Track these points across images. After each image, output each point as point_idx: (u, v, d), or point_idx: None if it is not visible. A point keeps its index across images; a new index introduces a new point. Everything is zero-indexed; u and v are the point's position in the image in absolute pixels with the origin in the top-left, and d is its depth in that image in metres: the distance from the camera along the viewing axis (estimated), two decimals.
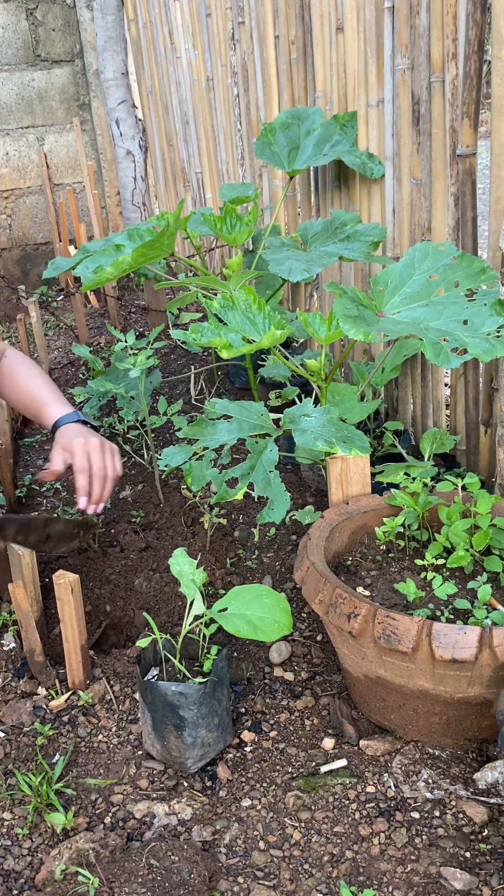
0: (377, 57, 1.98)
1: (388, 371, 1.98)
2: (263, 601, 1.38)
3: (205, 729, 1.37)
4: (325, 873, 1.21)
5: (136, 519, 2.13)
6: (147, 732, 1.41)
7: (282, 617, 1.36)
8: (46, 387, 1.70)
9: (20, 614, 1.55)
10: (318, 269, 1.85)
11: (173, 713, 1.35)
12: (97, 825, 1.31)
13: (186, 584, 1.40)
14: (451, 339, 1.48)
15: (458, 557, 1.42)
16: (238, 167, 3.13)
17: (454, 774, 1.33)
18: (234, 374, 2.72)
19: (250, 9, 2.68)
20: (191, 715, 1.35)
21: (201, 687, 1.34)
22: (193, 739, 1.37)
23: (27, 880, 1.23)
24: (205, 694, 1.35)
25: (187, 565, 1.41)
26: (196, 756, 1.38)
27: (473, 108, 1.68)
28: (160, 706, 1.35)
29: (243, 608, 1.38)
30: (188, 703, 1.34)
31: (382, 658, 1.29)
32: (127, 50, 4.16)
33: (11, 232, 4.62)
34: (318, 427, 1.58)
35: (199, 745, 1.38)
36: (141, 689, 1.37)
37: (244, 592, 1.41)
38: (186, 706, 1.34)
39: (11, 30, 4.26)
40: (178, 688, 1.33)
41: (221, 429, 1.66)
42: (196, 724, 1.36)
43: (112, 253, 1.94)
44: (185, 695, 1.33)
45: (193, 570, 1.41)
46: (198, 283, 1.99)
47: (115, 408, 2.73)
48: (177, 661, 1.41)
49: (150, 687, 1.35)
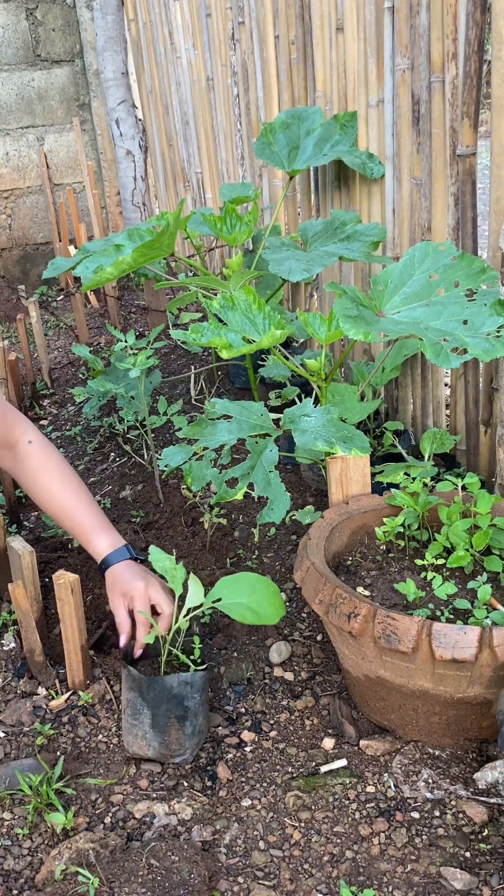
0: (377, 57, 1.98)
1: (388, 371, 1.98)
2: (255, 587, 1.41)
3: (202, 716, 1.39)
4: (325, 873, 1.21)
5: (136, 519, 2.13)
6: (142, 733, 1.40)
7: (276, 600, 1.41)
8: (86, 503, 1.57)
9: (20, 614, 1.55)
10: (318, 269, 1.85)
11: (178, 705, 1.36)
12: (97, 825, 1.31)
13: (172, 579, 1.40)
14: (451, 339, 1.48)
15: (458, 557, 1.42)
16: (238, 167, 3.13)
17: (454, 774, 1.33)
18: (234, 374, 2.72)
19: (250, 9, 2.68)
20: (193, 703, 1.36)
21: (205, 673, 1.37)
22: (193, 728, 1.38)
23: (27, 880, 1.23)
24: (205, 680, 1.37)
25: (168, 561, 1.41)
26: (194, 745, 1.40)
27: (473, 108, 1.68)
28: (164, 700, 1.36)
29: (238, 597, 1.40)
30: (192, 691, 1.35)
31: (382, 658, 1.29)
32: (127, 50, 4.16)
33: (11, 232, 4.62)
34: (318, 427, 1.58)
35: (196, 734, 1.39)
36: (139, 687, 1.37)
37: (232, 582, 1.42)
38: (190, 695, 1.35)
39: (11, 30, 4.26)
40: (184, 677, 1.35)
41: (221, 429, 1.66)
42: (196, 713, 1.38)
43: (112, 253, 1.94)
44: (190, 683, 1.35)
45: (174, 564, 1.41)
46: (198, 283, 1.99)
47: (115, 408, 2.73)
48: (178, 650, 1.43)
49: (152, 683, 1.35)
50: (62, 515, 1.57)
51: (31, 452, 1.59)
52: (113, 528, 1.57)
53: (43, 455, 1.59)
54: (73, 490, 1.57)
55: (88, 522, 1.55)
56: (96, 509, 1.58)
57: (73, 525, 1.57)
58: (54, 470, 1.58)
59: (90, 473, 2.48)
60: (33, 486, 1.59)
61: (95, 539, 1.54)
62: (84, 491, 1.59)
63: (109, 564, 1.52)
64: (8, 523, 2.14)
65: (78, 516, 1.56)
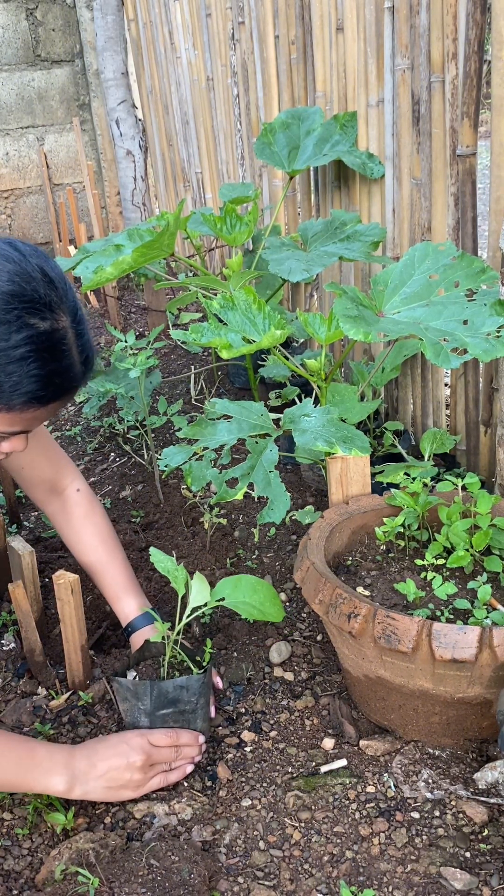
0: (377, 57, 1.98)
1: (388, 371, 1.98)
2: (256, 588, 1.46)
3: (201, 719, 1.39)
4: (325, 873, 1.21)
5: (136, 519, 2.13)
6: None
7: (276, 600, 1.47)
8: (120, 562, 1.61)
9: (20, 614, 1.55)
10: (318, 269, 1.85)
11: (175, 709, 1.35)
12: (97, 825, 1.31)
13: (174, 580, 1.41)
14: (451, 339, 1.48)
15: (458, 557, 1.42)
16: (238, 167, 3.13)
17: (454, 774, 1.33)
18: (234, 374, 2.72)
19: (250, 9, 2.68)
20: (190, 707, 1.36)
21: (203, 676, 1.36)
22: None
23: (27, 880, 1.23)
24: (204, 683, 1.36)
25: (169, 562, 1.42)
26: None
27: (473, 108, 1.68)
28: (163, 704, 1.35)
29: (241, 596, 1.44)
30: (188, 695, 1.35)
31: (382, 658, 1.29)
32: (127, 50, 4.16)
33: (11, 232, 4.62)
34: (319, 427, 1.58)
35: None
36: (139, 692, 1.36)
37: (233, 583, 1.45)
38: (187, 699, 1.35)
39: (11, 30, 4.27)
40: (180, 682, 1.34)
41: (221, 429, 1.66)
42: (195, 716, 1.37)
43: (112, 253, 1.94)
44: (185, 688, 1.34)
45: (175, 565, 1.42)
46: (198, 283, 1.99)
47: (115, 408, 2.73)
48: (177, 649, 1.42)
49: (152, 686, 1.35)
50: (97, 569, 1.61)
51: (78, 501, 1.63)
52: (142, 591, 1.61)
53: (89, 506, 1.63)
54: (111, 547, 1.61)
55: (121, 582, 1.59)
56: (130, 571, 1.61)
57: (105, 581, 1.60)
58: (100, 524, 1.62)
59: (90, 473, 2.48)
60: (75, 535, 1.62)
61: (126, 599, 1.58)
62: (121, 550, 1.63)
63: (136, 629, 1.56)
64: (8, 523, 2.14)
65: (111, 573, 1.60)
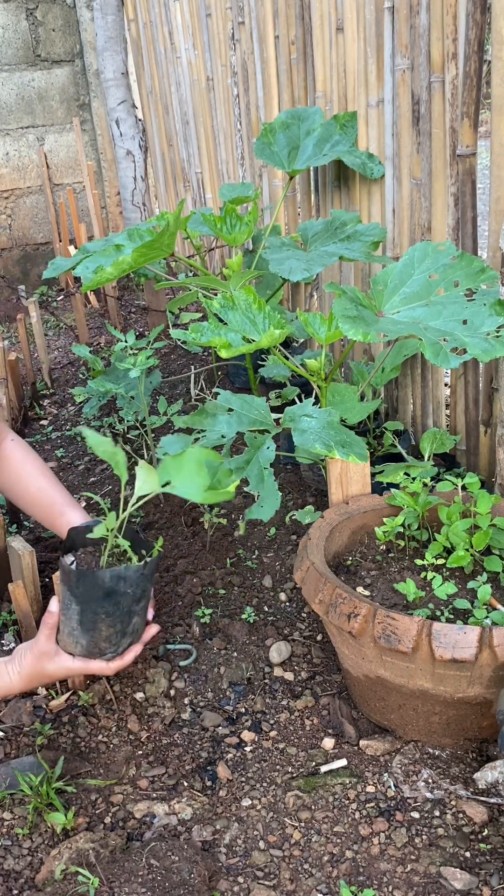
0: (377, 57, 1.98)
1: (388, 371, 1.98)
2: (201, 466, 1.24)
3: (137, 616, 1.35)
4: (325, 873, 1.21)
5: (136, 519, 2.13)
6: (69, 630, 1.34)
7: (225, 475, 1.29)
8: (62, 488, 1.70)
9: (20, 614, 1.55)
10: (318, 269, 1.85)
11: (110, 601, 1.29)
12: (97, 825, 1.31)
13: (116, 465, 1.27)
14: (451, 339, 1.48)
15: (458, 557, 1.42)
16: (238, 167, 3.13)
17: (454, 774, 1.33)
18: (234, 374, 2.72)
19: (250, 9, 2.68)
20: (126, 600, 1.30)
21: (140, 567, 1.29)
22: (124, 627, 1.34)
23: (27, 880, 1.23)
24: (144, 576, 1.30)
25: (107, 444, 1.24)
26: (125, 644, 1.37)
27: (473, 108, 1.68)
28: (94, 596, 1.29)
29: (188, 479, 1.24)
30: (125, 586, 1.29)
31: (382, 658, 1.29)
32: (127, 50, 4.16)
33: (11, 232, 4.62)
34: (318, 429, 1.58)
35: (130, 634, 1.36)
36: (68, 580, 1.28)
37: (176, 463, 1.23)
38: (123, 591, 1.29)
39: (11, 30, 4.27)
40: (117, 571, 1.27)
41: (221, 420, 1.66)
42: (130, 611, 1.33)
43: (112, 253, 1.94)
44: (123, 578, 1.28)
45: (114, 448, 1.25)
46: (198, 283, 1.99)
47: (115, 408, 2.74)
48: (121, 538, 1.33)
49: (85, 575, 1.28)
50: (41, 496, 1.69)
51: (14, 448, 1.75)
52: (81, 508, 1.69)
53: (26, 448, 1.76)
54: (52, 477, 1.73)
55: (66, 501, 1.68)
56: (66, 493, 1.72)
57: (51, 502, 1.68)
58: (37, 461, 1.75)
59: (90, 473, 2.48)
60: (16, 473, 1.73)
61: (71, 513, 1.64)
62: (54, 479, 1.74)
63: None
64: (8, 523, 2.14)
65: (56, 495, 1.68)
